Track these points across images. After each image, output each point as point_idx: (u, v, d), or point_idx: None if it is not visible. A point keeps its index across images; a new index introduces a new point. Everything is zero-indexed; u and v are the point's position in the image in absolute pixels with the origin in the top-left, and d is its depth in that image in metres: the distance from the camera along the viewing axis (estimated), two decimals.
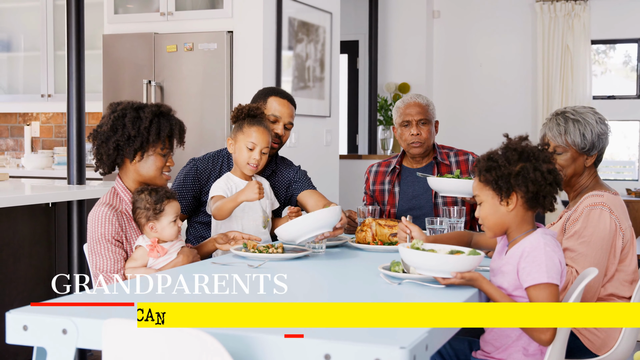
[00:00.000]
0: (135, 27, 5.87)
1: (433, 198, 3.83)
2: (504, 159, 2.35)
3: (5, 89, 7.17)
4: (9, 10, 7.15)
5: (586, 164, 2.98)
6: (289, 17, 5.82)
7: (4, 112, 7.45)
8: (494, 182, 2.36)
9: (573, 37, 8.06)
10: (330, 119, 6.54)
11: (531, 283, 2.28)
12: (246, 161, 3.32)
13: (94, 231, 2.85)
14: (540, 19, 8.15)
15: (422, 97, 3.90)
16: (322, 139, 6.43)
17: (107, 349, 1.83)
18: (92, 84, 6.42)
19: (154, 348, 1.76)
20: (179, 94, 5.67)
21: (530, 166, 2.33)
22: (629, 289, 2.88)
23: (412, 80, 8.52)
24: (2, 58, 7.22)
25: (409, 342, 1.73)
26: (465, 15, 8.61)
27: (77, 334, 1.94)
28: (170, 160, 3.01)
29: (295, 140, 5.96)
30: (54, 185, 4.98)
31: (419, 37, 8.51)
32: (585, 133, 2.95)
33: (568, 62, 8.08)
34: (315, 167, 6.29)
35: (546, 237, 2.34)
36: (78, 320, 1.95)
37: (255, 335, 1.79)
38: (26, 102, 7.08)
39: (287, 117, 3.62)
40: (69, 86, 4.45)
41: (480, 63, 8.58)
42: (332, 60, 6.45)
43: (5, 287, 4.08)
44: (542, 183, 2.33)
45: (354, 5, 8.75)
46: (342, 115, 9.13)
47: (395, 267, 2.52)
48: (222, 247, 3.11)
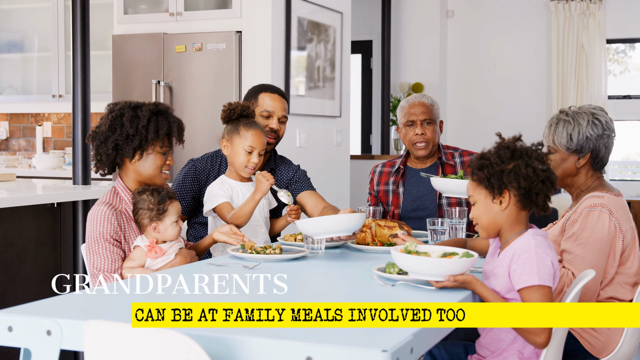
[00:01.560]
0: (144, 28, 5.88)
1: (437, 199, 3.80)
2: (496, 157, 2.33)
3: (18, 89, 7.20)
4: (23, 11, 7.18)
5: (578, 165, 2.95)
6: (298, 17, 5.80)
7: (16, 112, 7.48)
8: (486, 180, 2.34)
9: (588, 36, 7.98)
10: (341, 119, 6.51)
11: (523, 285, 2.25)
12: (244, 164, 3.31)
13: (92, 230, 2.84)
14: (555, 18, 8.09)
15: (427, 97, 3.87)
16: (333, 139, 6.41)
17: (88, 350, 1.82)
18: (102, 84, 6.43)
19: (134, 349, 1.75)
20: (187, 94, 5.67)
21: (522, 163, 2.31)
22: (630, 292, 2.84)
23: (425, 80, 8.48)
24: (16, 58, 7.26)
25: (392, 345, 1.70)
26: (479, 15, 8.55)
27: (61, 335, 1.93)
28: (170, 159, 3.00)
29: (305, 141, 5.94)
30: (60, 185, 4.99)
31: (432, 37, 8.47)
32: (572, 134, 2.92)
33: (583, 61, 8.01)
34: (326, 167, 6.27)
35: (537, 238, 2.31)
36: (62, 322, 1.93)
37: (236, 337, 1.77)
38: (38, 102, 7.11)
39: (280, 111, 3.61)
40: (74, 87, 4.46)
41: (494, 63, 8.52)
42: (342, 60, 6.42)
43: (10, 287, 4.08)
44: (534, 179, 2.31)
45: (368, 5, 8.72)
46: (356, 116, 9.11)
47: (390, 268, 2.49)
48: (221, 238, 3.07)
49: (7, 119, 7.58)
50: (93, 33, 6.65)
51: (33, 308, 2.05)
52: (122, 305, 2.14)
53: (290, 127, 5.77)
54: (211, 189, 3.33)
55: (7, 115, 7.56)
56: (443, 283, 2.30)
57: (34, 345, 1.95)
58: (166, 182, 3.04)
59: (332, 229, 2.90)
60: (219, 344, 1.76)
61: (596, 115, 2.96)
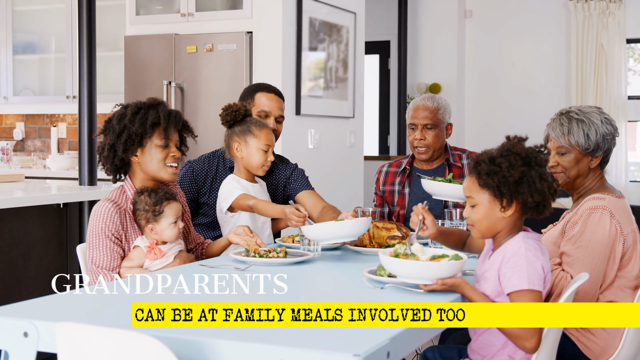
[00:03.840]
0: (156, 28, 5.88)
1: (444, 201, 3.75)
2: (508, 164, 2.25)
3: (35, 90, 7.23)
4: (40, 12, 7.22)
5: (591, 165, 2.87)
6: (310, 17, 5.77)
7: (32, 113, 7.52)
8: (496, 188, 2.27)
9: (608, 35, 7.89)
10: (355, 119, 6.48)
11: (512, 289, 2.20)
12: (262, 164, 3.31)
13: (94, 225, 2.83)
14: (574, 17, 8.00)
15: (433, 100, 3.80)
16: (346, 140, 6.37)
17: (61, 352, 1.80)
18: (116, 85, 6.45)
19: (104, 351, 1.73)
20: (198, 94, 5.66)
21: (535, 174, 2.24)
22: (631, 296, 2.77)
23: (443, 80, 8.42)
24: (33, 60, 7.30)
25: (365, 349, 1.67)
26: (498, 15, 8.48)
27: (37, 337, 1.92)
28: (174, 151, 2.94)
29: (317, 142, 5.91)
30: (66, 186, 5.00)
31: (450, 37, 8.42)
32: (589, 133, 2.85)
33: (602, 61, 7.91)
34: (339, 168, 6.24)
35: (528, 242, 2.26)
36: (39, 323, 1.92)
37: (207, 340, 1.74)
38: (53, 103, 7.14)
39: (277, 111, 3.59)
40: (80, 88, 4.47)
41: (512, 63, 8.44)
42: (356, 60, 6.39)
43: (16, 287, 4.10)
44: (546, 194, 2.25)
45: (385, 5, 8.68)
46: (374, 116, 9.07)
47: (381, 271, 2.46)
48: (235, 240, 3.03)
49: (23, 120, 7.63)
50: (106, 34, 6.70)
51: (12, 309, 2.04)
52: (103, 307, 2.14)
53: (301, 128, 5.75)
54: (226, 187, 3.31)
55: (23, 116, 7.61)
56: (431, 286, 2.26)
57: (11, 347, 1.94)
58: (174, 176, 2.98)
59: (338, 234, 2.87)
60: (189, 346, 1.74)
61: (604, 114, 2.90)
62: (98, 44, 6.71)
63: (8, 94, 7.22)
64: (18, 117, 7.63)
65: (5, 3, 7.18)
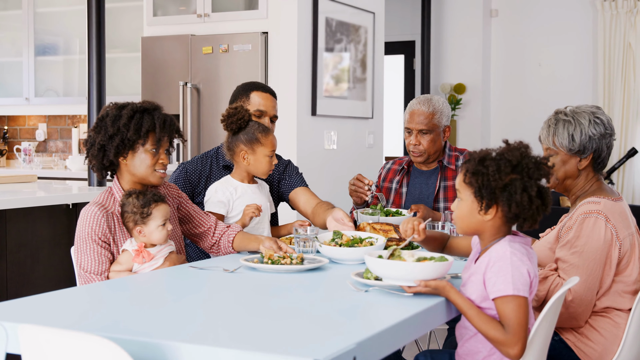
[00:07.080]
0: (172, 29, 5.89)
1: (434, 202, 3.74)
2: (495, 168, 2.18)
3: (59, 92, 7.28)
4: (63, 14, 7.27)
5: (580, 167, 2.81)
6: (326, 17, 5.73)
7: (54, 114, 7.58)
8: (477, 189, 2.21)
9: (636, 34, 7.74)
10: (373, 120, 6.43)
11: (497, 295, 2.14)
12: (269, 169, 3.30)
13: (81, 229, 2.82)
14: (602, 16, 7.86)
15: (429, 104, 3.73)
16: (364, 140, 6.33)
17: (24, 354, 1.79)
18: (134, 86, 6.46)
19: (64, 354, 1.71)
20: (214, 95, 5.66)
21: (519, 185, 2.17)
22: (630, 301, 2.69)
23: (468, 80, 8.33)
24: (57, 61, 7.35)
25: (327, 354, 1.63)
26: (523, 14, 8.36)
27: (6, 339, 1.90)
28: (163, 157, 2.93)
29: (334, 143, 5.87)
30: (75, 186, 5.01)
31: (475, 37, 8.32)
32: (574, 134, 2.80)
33: (630, 60, 7.76)
34: (357, 169, 6.18)
35: (514, 246, 2.19)
36: (8, 325, 1.91)
37: (167, 343, 1.71)
38: (74, 104, 7.18)
39: (271, 110, 3.57)
40: (89, 88, 4.48)
41: (539, 63, 8.32)
42: (375, 60, 6.34)
43: (24, 287, 4.11)
44: (526, 207, 2.17)
45: (410, 5, 8.62)
46: (399, 117, 9.00)
47: (368, 273, 2.41)
48: (263, 251, 2.96)
49: (45, 121, 7.69)
50: (124, 36, 6.73)
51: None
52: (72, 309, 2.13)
53: (317, 129, 5.72)
54: (211, 193, 3.30)
55: (46, 117, 7.67)
56: (415, 288, 2.21)
57: None
58: (163, 181, 2.98)
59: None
60: (147, 348, 1.71)
61: (597, 114, 2.83)
62: (116, 46, 6.76)
63: (30, 95, 7.28)
64: (40, 118, 7.70)
65: (27, 5, 7.24)
